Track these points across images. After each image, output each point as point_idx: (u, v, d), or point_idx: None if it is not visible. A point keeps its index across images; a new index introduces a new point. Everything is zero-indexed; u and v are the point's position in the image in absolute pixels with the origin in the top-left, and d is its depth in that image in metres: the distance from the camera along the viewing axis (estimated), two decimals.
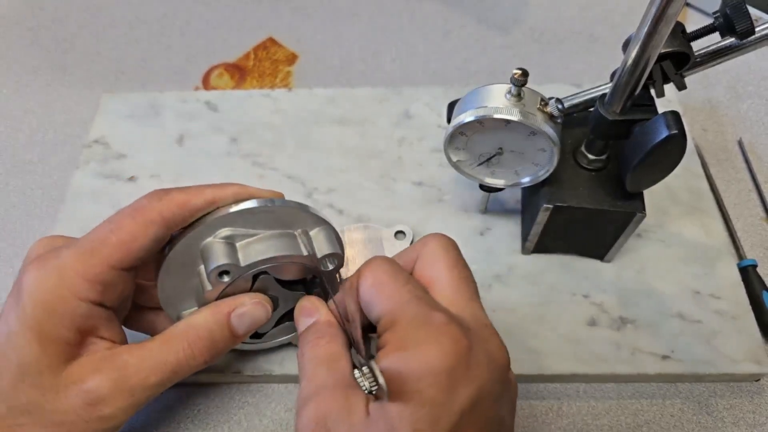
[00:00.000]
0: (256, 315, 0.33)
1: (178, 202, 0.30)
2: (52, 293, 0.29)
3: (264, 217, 0.32)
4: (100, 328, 0.31)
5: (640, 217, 0.38)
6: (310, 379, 0.28)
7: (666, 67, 0.33)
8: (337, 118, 0.51)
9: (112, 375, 0.29)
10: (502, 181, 0.40)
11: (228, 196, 0.31)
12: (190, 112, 0.52)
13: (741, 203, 0.48)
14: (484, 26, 0.62)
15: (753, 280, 0.42)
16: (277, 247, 0.32)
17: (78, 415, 0.29)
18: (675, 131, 0.31)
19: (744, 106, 0.54)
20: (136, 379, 0.30)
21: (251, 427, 0.38)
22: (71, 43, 0.61)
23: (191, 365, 0.31)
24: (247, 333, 0.33)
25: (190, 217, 0.31)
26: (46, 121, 0.55)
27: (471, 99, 0.36)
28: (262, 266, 0.32)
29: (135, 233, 0.29)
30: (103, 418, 0.29)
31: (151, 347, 0.31)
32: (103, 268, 0.29)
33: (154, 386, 0.30)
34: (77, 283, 0.29)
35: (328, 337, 0.30)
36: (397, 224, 0.44)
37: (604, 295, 0.41)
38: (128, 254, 0.29)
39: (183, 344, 0.31)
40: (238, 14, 0.64)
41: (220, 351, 0.32)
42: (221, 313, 0.32)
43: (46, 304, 0.29)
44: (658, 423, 0.38)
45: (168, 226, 0.30)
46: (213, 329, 0.31)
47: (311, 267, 0.33)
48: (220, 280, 0.31)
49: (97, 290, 0.29)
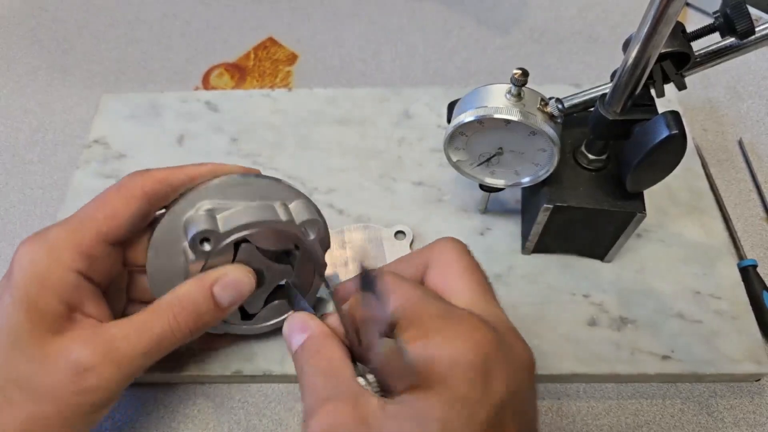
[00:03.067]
0: (239, 285, 0.33)
1: (159, 178, 0.32)
2: (40, 265, 0.30)
3: (242, 189, 0.33)
4: (86, 304, 0.31)
5: (640, 217, 0.38)
6: (313, 391, 0.27)
7: (666, 67, 0.33)
8: (337, 118, 0.51)
9: (99, 345, 0.29)
10: (502, 181, 0.40)
11: (206, 172, 0.33)
12: (190, 112, 0.52)
13: (741, 203, 0.48)
14: (484, 26, 0.62)
15: (753, 280, 0.42)
16: (255, 213, 0.33)
17: (65, 387, 0.28)
18: (675, 131, 0.31)
19: (744, 106, 0.54)
20: (122, 349, 0.30)
21: (251, 427, 0.38)
22: (71, 43, 0.61)
23: (177, 336, 0.31)
24: (232, 305, 0.33)
25: (172, 192, 0.33)
26: (46, 121, 0.55)
27: (471, 99, 0.36)
28: (241, 232, 0.32)
29: (119, 207, 0.31)
30: (90, 388, 0.29)
31: (137, 319, 0.31)
32: (90, 240, 0.31)
33: (140, 356, 0.30)
34: (65, 255, 0.30)
35: (326, 348, 0.29)
36: (397, 224, 0.44)
37: (604, 295, 0.41)
38: (113, 227, 0.31)
39: (168, 315, 0.31)
40: (238, 14, 0.64)
41: (206, 322, 0.32)
42: (205, 284, 0.32)
43: (34, 275, 0.30)
44: (658, 423, 0.38)
45: (150, 201, 0.32)
46: (197, 300, 0.32)
47: (292, 235, 0.34)
48: (201, 248, 0.32)
49: (84, 262, 0.31)
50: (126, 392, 0.39)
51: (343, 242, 0.43)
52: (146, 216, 0.33)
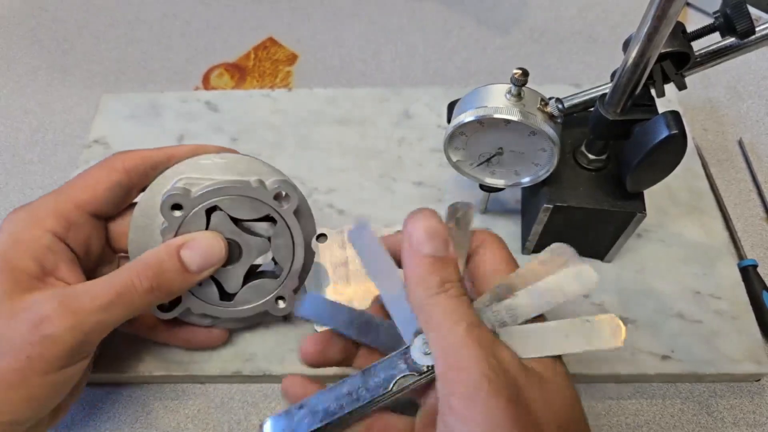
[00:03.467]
0: (207, 248, 0.33)
1: (139, 155, 0.34)
2: (20, 225, 0.32)
3: (219, 165, 0.34)
4: (60, 268, 0.31)
5: (640, 217, 0.38)
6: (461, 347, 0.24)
7: (666, 66, 0.33)
8: (337, 118, 0.51)
9: (58, 297, 0.29)
10: (502, 181, 0.40)
11: (186, 151, 0.35)
12: (190, 112, 0.52)
13: (741, 203, 0.48)
14: (484, 26, 0.62)
15: (753, 280, 0.42)
16: (228, 182, 0.33)
17: (22, 337, 0.28)
18: (675, 131, 0.31)
19: (744, 106, 0.54)
20: (81, 300, 0.30)
21: (251, 427, 0.38)
22: (71, 43, 0.61)
23: (138, 291, 0.31)
24: (201, 269, 0.33)
25: (151, 170, 0.34)
26: (46, 121, 0.55)
27: (471, 99, 0.36)
28: (213, 198, 0.33)
29: (99, 178, 0.33)
30: (46, 338, 0.28)
31: (98, 279, 0.31)
32: (69, 205, 0.33)
33: (100, 309, 0.30)
34: (43, 217, 0.32)
35: (460, 286, 0.26)
36: (397, 224, 0.44)
37: (605, 295, 0.41)
38: (91, 195, 0.33)
39: (130, 271, 0.31)
40: (238, 14, 0.64)
41: (171, 282, 0.32)
42: (171, 245, 0.32)
43: (13, 234, 0.31)
44: (658, 423, 0.38)
45: (130, 175, 0.34)
46: (162, 258, 0.32)
47: (265, 205, 0.34)
48: (172, 214, 0.32)
49: (62, 225, 0.32)
50: (126, 392, 0.40)
51: (343, 242, 0.43)
52: (126, 190, 0.34)
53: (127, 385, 0.40)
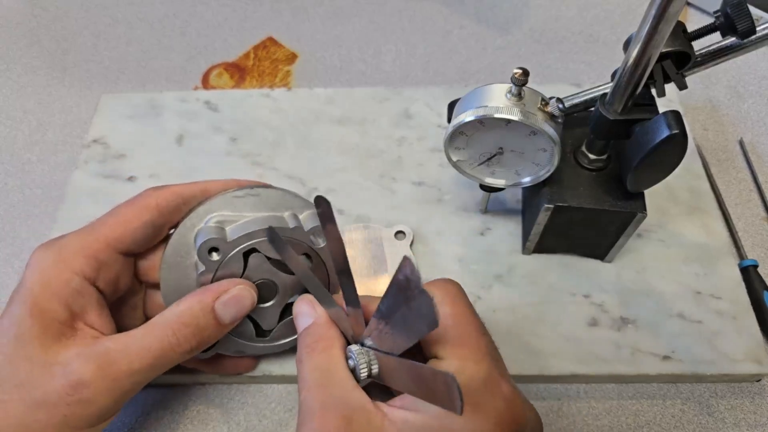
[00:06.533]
0: (240, 302, 0.32)
1: (173, 191, 0.33)
2: (49, 266, 0.30)
3: (252, 201, 0.33)
4: (89, 313, 0.31)
5: (640, 217, 0.37)
6: (309, 391, 0.28)
7: (667, 66, 0.33)
8: (337, 118, 0.51)
9: (96, 359, 0.29)
10: (502, 181, 0.40)
11: (219, 186, 0.34)
12: (189, 112, 0.52)
13: (742, 203, 0.48)
14: (484, 26, 0.62)
15: (754, 280, 0.42)
16: (263, 222, 0.33)
17: (60, 396, 0.28)
18: (676, 131, 0.30)
19: (745, 105, 0.54)
20: (119, 364, 0.29)
21: (251, 428, 0.38)
22: (71, 43, 0.61)
23: (177, 352, 0.31)
24: (234, 321, 0.33)
25: (183, 205, 0.33)
26: (45, 121, 0.55)
27: (471, 98, 0.36)
28: (249, 241, 0.32)
29: (131, 216, 0.32)
30: (83, 401, 0.29)
31: (135, 334, 0.31)
32: (99, 245, 0.31)
33: (138, 372, 0.30)
34: (73, 257, 0.31)
35: (326, 341, 0.29)
36: (397, 224, 0.44)
37: (605, 295, 0.41)
38: (123, 234, 0.32)
39: (167, 331, 0.31)
40: (238, 14, 0.64)
41: (207, 338, 0.32)
42: (206, 299, 0.32)
43: (42, 276, 0.30)
44: (659, 423, 0.38)
45: (162, 213, 0.32)
46: (198, 316, 0.31)
47: (301, 243, 0.33)
48: (209, 258, 0.32)
49: (92, 265, 0.31)
50: None
51: (343, 242, 0.43)
52: (159, 228, 0.33)
53: None
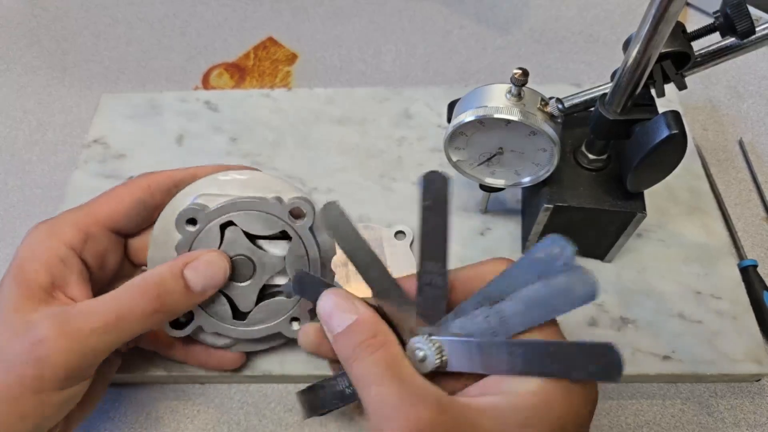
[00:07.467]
0: (211, 268, 0.32)
1: (165, 175, 0.35)
2: (38, 238, 0.32)
3: (238, 182, 0.34)
4: (70, 284, 0.31)
5: (640, 217, 0.37)
6: (381, 385, 0.24)
7: (666, 66, 0.33)
8: (337, 118, 0.51)
9: (56, 318, 0.29)
10: (502, 181, 0.40)
11: (209, 170, 0.35)
12: (189, 112, 0.52)
13: (741, 203, 0.48)
14: (484, 26, 0.62)
15: (754, 280, 0.42)
16: (242, 196, 0.33)
17: (18, 357, 0.28)
18: (675, 131, 0.31)
19: (745, 105, 0.54)
20: (77, 322, 0.29)
21: (251, 428, 0.38)
22: (71, 43, 0.61)
23: (138, 313, 0.30)
24: (204, 290, 0.32)
25: (174, 187, 0.35)
26: (45, 121, 0.55)
27: (471, 98, 0.36)
28: (227, 213, 0.33)
29: (122, 194, 0.34)
30: (40, 359, 0.28)
31: (102, 297, 0.30)
32: (89, 219, 0.33)
33: (97, 331, 0.29)
34: (62, 229, 0.32)
35: (382, 335, 0.26)
36: (397, 224, 0.44)
37: (605, 295, 0.41)
38: (115, 211, 0.34)
39: (132, 291, 0.30)
40: (238, 14, 0.64)
41: (174, 304, 0.31)
42: (176, 264, 0.32)
43: (32, 245, 0.32)
44: (659, 423, 0.38)
45: (153, 194, 0.34)
46: (165, 277, 0.31)
47: (280, 221, 0.33)
48: (187, 229, 0.33)
49: (79, 237, 0.32)
50: (126, 392, 0.39)
51: None
52: (150, 210, 0.35)
53: (127, 386, 0.40)
